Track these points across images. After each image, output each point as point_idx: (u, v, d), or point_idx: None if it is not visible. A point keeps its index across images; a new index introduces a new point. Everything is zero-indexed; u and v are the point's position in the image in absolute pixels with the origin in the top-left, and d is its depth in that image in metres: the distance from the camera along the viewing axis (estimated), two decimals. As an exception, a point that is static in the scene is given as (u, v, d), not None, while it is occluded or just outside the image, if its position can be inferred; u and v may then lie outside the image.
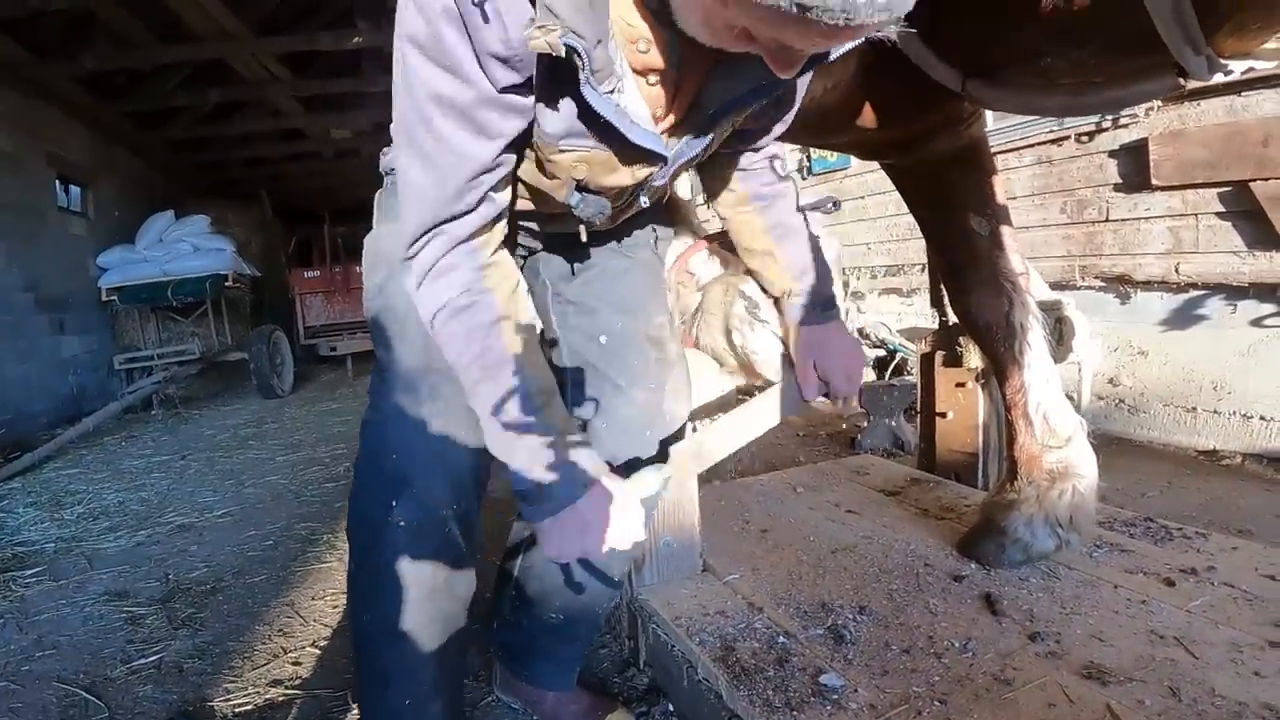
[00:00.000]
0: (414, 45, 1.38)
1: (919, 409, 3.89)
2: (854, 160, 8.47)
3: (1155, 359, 5.71)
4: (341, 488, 5.86)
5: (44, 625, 3.65)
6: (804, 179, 9.37)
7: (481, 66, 1.38)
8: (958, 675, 2.09)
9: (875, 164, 7.75)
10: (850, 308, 8.61)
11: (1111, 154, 5.79)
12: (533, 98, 1.46)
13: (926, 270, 4.08)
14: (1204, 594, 2.40)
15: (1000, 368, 2.85)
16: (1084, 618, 2.33)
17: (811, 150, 9.18)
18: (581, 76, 1.34)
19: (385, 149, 1.99)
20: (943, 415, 3.64)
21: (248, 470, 6.78)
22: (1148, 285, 5.66)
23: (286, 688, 2.91)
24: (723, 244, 2.84)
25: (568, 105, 1.48)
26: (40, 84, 9.92)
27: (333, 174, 17.01)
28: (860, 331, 8.11)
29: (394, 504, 1.90)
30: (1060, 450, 2.72)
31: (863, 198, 8.50)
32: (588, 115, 1.47)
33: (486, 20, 1.31)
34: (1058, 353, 2.95)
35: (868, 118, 2.60)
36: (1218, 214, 5.14)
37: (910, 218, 3.21)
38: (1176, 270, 5.39)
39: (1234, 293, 5.14)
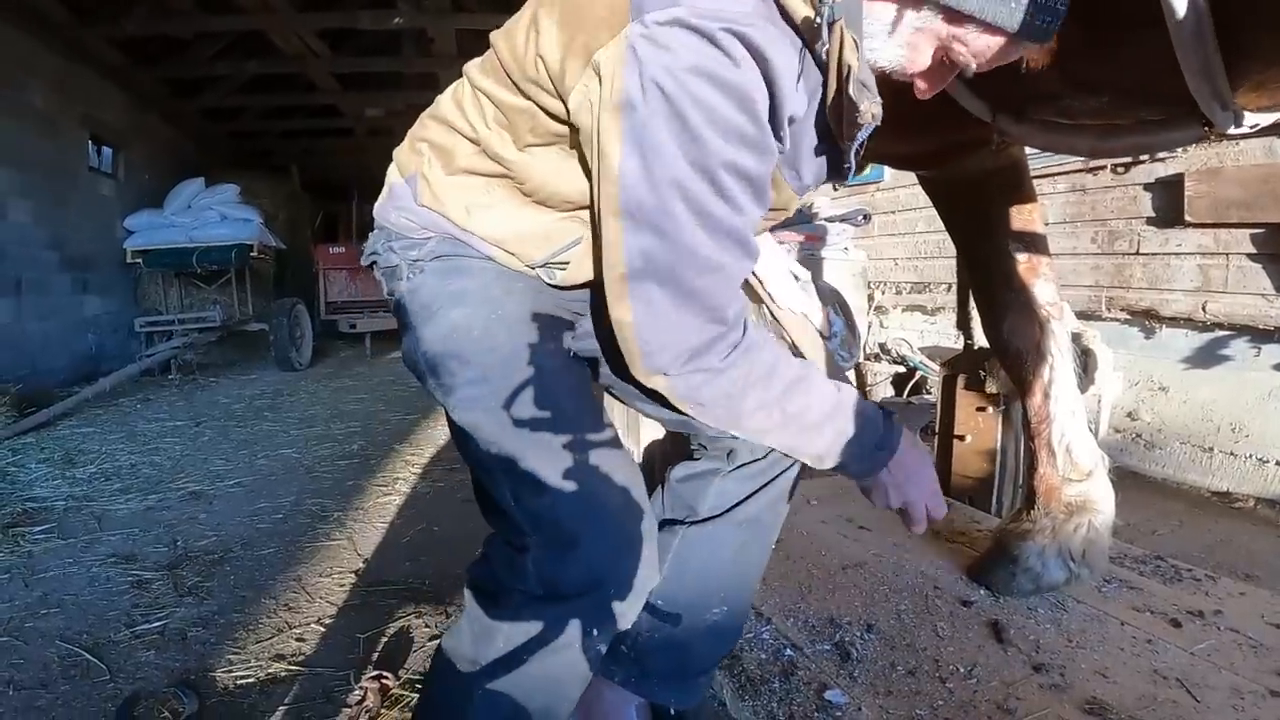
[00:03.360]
0: (707, 116, 1.30)
1: (937, 429, 3.89)
2: (887, 174, 8.45)
3: (1175, 396, 5.69)
4: (355, 465, 5.90)
5: (50, 583, 3.67)
6: (835, 190, 9.34)
7: (776, 137, 1.40)
8: (961, 701, 2.10)
9: (906, 179, 7.80)
10: (873, 322, 8.58)
11: (1146, 187, 5.76)
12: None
13: (954, 290, 4.07)
14: (1209, 637, 2.40)
15: (1027, 395, 2.85)
16: (1089, 652, 2.33)
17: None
18: (862, 134, 1.45)
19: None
20: (960, 438, 3.64)
21: (261, 441, 6.81)
22: (1173, 321, 5.64)
23: (289, 663, 2.93)
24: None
25: (824, 153, 1.58)
26: (79, 46, 9.96)
27: (363, 152, 17.02)
28: (882, 347, 8.10)
29: (594, 631, 1.64)
30: (1080, 484, 2.72)
31: (893, 213, 8.48)
32: (837, 160, 1.59)
33: (790, 92, 1.36)
34: (1081, 384, 2.95)
35: (896, 130, 2.60)
36: (1249, 255, 5.11)
37: (938, 236, 3.23)
38: (1203, 309, 5.36)
39: (1260, 335, 5.11)
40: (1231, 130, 1.77)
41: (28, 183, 9.28)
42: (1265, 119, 1.77)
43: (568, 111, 1.46)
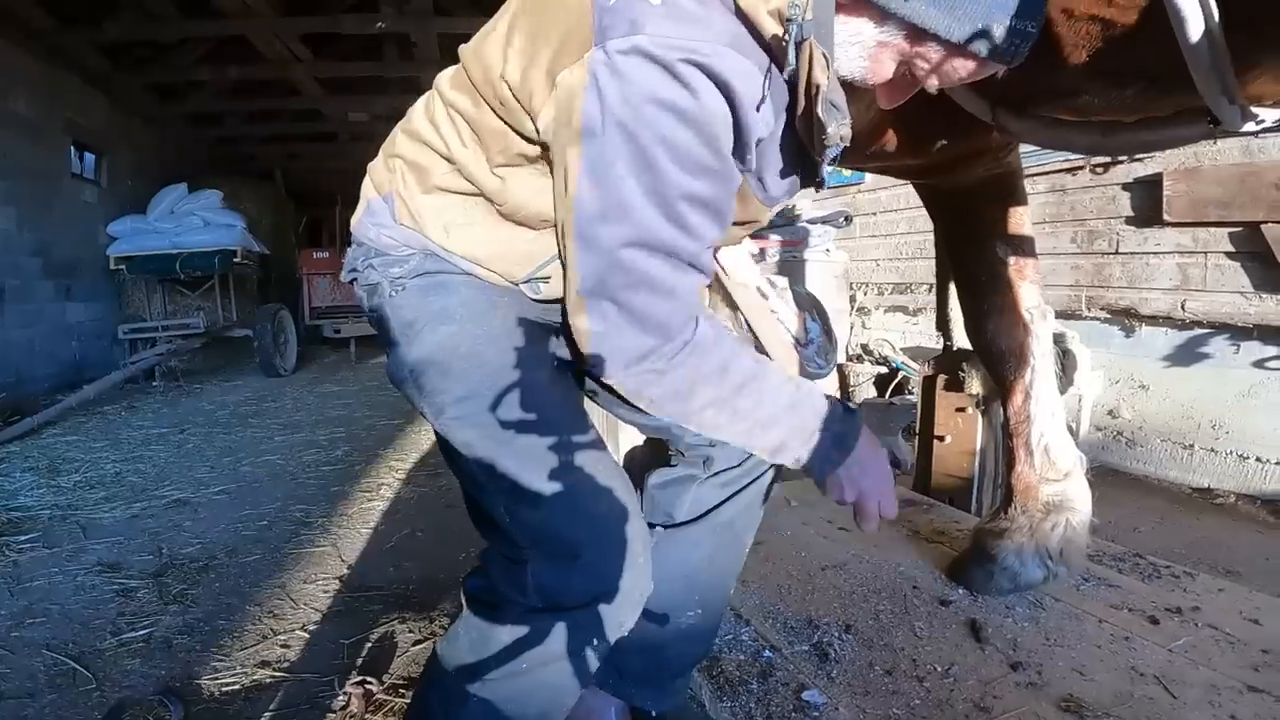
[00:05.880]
0: (665, 148, 1.33)
1: (918, 430, 3.91)
2: (867, 177, 8.46)
3: (1156, 394, 5.72)
4: (339, 470, 5.89)
5: (35, 592, 3.66)
6: (816, 192, 9.35)
7: (741, 160, 1.44)
8: (938, 700, 2.12)
9: (887, 181, 7.82)
10: (855, 323, 8.61)
11: (1125, 187, 5.80)
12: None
13: (934, 291, 4.10)
14: (1187, 634, 2.43)
15: (1008, 395, 2.87)
16: (1067, 650, 2.36)
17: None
18: (831, 154, 1.43)
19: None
20: (941, 439, 3.66)
21: (245, 448, 6.79)
22: (1153, 320, 5.67)
23: (274, 670, 2.93)
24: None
25: (796, 165, 1.57)
26: (62, 51, 9.94)
27: (347, 157, 16.96)
28: (864, 348, 8.12)
29: (595, 641, 1.67)
30: (1058, 483, 2.74)
31: (874, 214, 8.50)
32: (811, 173, 1.59)
33: (757, 116, 1.38)
34: (1061, 385, 2.97)
35: (903, 145, 2.59)
36: (1227, 254, 5.14)
37: (920, 236, 3.24)
38: (1182, 307, 5.40)
39: (1238, 333, 5.15)
40: (1240, 128, 1.75)
41: (10, 189, 9.25)
42: (1272, 115, 1.73)
43: (540, 142, 1.48)
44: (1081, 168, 6.12)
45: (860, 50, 1.40)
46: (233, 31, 10.08)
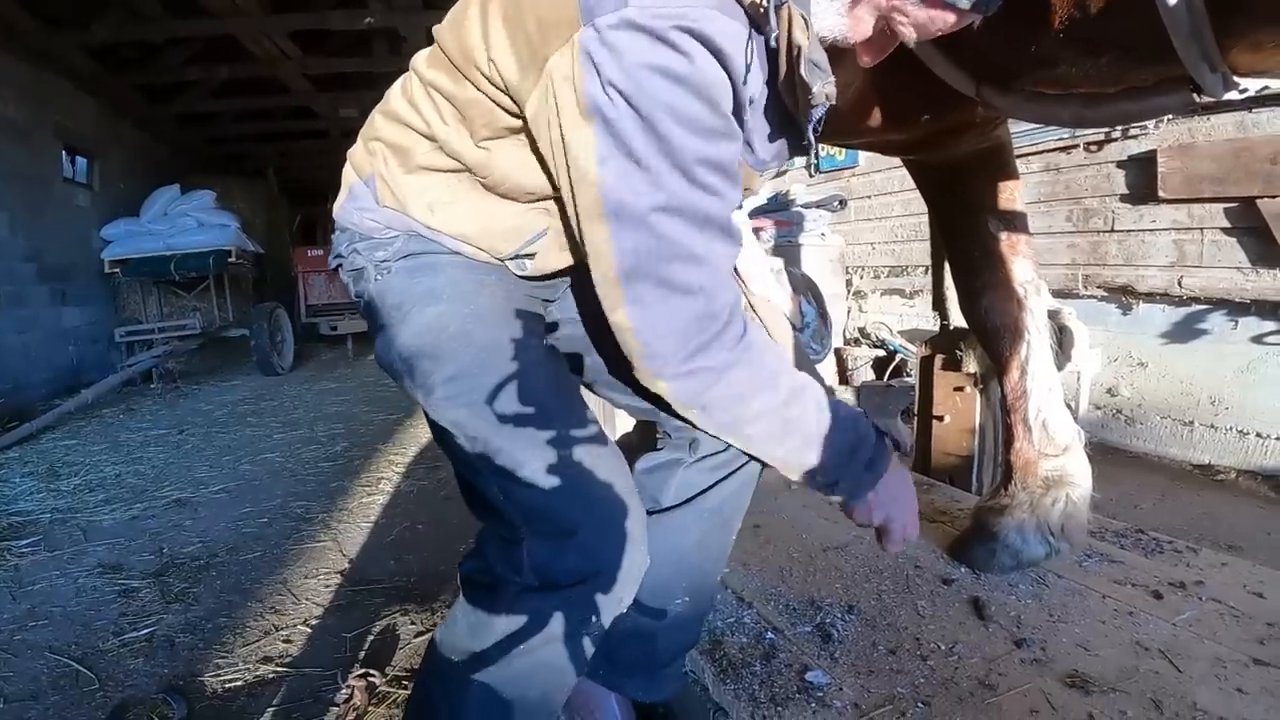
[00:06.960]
0: (671, 115, 1.32)
1: (916, 411, 3.90)
2: (861, 159, 8.45)
3: (1154, 371, 5.72)
4: (338, 466, 5.89)
5: (37, 595, 3.66)
6: (811, 176, 9.33)
7: (738, 121, 1.43)
8: (943, 678, 2.11)
9: (882, 164, 7.81)
10: (852, 306, 8.60)
11: (1119, 164, 5.79)
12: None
13: (930, 272, 4.10)
14: (1191, 608, 2.41)
15: (1004, 371, 2.86)
16: (1070, 626, 2.35)
17: (820, 147, 9.14)
18: (816, 114, 1.44)
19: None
20: (939, 418, 3.65)
21: (245, 447, 6.78)
22: (1150, 297, 5.67)
23: (277, 665, 2.93)
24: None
25: (782, 130, 1.57)
26: (50, 54, 9.87)
27: (339, 153, 16.74)
28: (861, 331, 8.12)
29: (592, 619, 1.65)
30: (1057, 459, 2.73)
31: (869, 197, 8.49)
32: (797, 137, 1.58)
33: (746, 78, 1.38)
34: (1058, 361, 2.96)
35: (888, 119, 2.58)
36: (1223, 229, 5.14)
37: (915, 219, 3.23)
38: (1179, 284, 5.40)
39: (1236, 309, 5.15)
40: (1222, 95, 1.74)
41: (2, 194, 9.21)
42: (1255, 84, 1.73)
43: (524, 116, 1.47)
44: (1075, 146, 6.12)
45: (838, 8, 1.39)
46: (221, 31, 10.02)
